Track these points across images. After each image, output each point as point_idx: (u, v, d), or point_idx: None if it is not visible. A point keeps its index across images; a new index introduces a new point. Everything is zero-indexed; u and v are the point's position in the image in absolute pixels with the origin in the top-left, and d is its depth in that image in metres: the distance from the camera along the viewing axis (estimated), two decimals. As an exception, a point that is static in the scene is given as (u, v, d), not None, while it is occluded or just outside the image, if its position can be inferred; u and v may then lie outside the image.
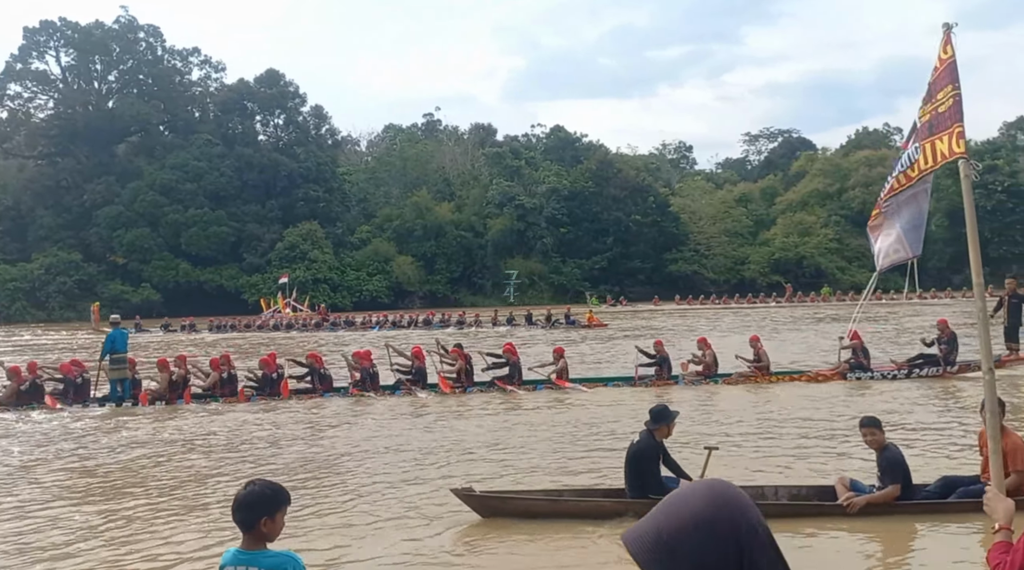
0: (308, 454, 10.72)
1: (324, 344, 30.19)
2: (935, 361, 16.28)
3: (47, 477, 9.85)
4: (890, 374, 16.09)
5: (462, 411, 13.94)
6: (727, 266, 73.65)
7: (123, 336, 16.72)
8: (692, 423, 11.61)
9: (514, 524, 7.21)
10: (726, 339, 23.89)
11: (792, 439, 10.66)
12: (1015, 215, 72.56)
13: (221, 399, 15.83)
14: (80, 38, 71.49)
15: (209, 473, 9.76)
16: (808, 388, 15.28)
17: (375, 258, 70.47)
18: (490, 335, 31.77)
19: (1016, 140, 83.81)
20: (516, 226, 72.27)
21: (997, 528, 2.45)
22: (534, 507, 7.42)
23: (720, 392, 15.41)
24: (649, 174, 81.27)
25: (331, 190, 73.98)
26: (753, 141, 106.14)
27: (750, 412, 12.90)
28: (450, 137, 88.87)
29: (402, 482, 8.87)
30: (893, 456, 7.10)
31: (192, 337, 38.58)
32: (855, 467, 8.45)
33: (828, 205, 77.18)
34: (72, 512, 8.15)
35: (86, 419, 14.46)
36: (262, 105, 75.28)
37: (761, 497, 7.52)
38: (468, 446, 10.85)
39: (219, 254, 67.67)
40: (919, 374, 15.98)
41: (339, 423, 13.23)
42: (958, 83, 3.42)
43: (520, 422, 12.83)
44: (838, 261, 72.94)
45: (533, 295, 68.15)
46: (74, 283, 62.36)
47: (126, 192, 66.83)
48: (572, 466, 9.55)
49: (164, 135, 73.58)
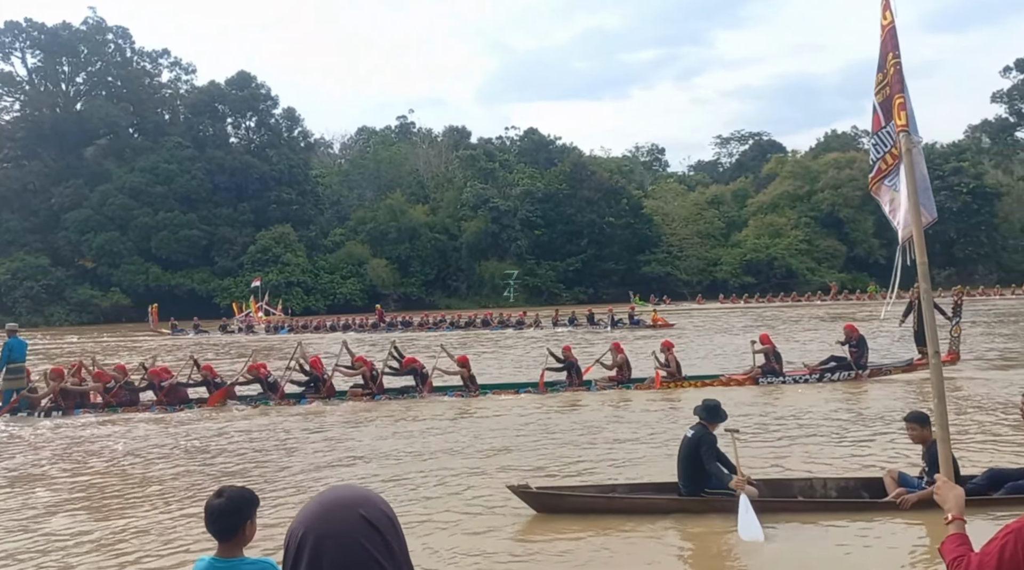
0: (341, 456, 10.57)
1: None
2: (847, 365, 16.04)
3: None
4: (801, 378, 15.87)
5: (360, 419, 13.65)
6: (699, 267, 74.18)
7: (21, 345, 16.11)
8: (605, 430, 11.52)
9: (569, 520, 7.25)
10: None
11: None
12: (980, 216, 73.80)
13: (120, 408, 15.31)
14: (47, 39, 70.40)
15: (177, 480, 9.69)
16: (717, 394, 14.81)
17: (349, 261, 70.11)
18: (560, 336, 30.15)
19: (980, 142, 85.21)
20: (490, 228, 72.25)
21: (950, 518, 2.36)
22: (588, 503, 7.48)
23: (634, 398, 14.91)
24: (622, 176, 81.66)
25: (304, 193, 73.51)
26: (724, 143, 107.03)
27: (660, 417, 12.65)
28: (424, 139, 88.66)
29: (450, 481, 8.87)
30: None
31: (228, 339, 37.45)
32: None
33: (798, 207, 78.03)
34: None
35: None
36: (233, 107, 74.59)
37: (810, 490, 7.61)
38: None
39: (190, 258, 66.95)
40: (831, 378, 15.77)
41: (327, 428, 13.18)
42: (898, 51, 3.37)
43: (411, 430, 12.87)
44: (808, 262, 73.76)
45: (508, 297, 68.18)
46: (41, 288, 61.37)
47: (95, 195, 65.90)
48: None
49: (134, 138, 72.65)
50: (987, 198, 74.46)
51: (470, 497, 8.15)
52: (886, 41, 3.39)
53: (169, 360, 22.33)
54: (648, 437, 10.98)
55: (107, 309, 62.32)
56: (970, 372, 16.51)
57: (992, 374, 16.48)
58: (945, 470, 2.80)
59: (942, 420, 2.80)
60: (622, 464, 9.38)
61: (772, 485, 7.65)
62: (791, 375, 16.00)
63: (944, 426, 2.78)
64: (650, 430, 11.51)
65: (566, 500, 7.48)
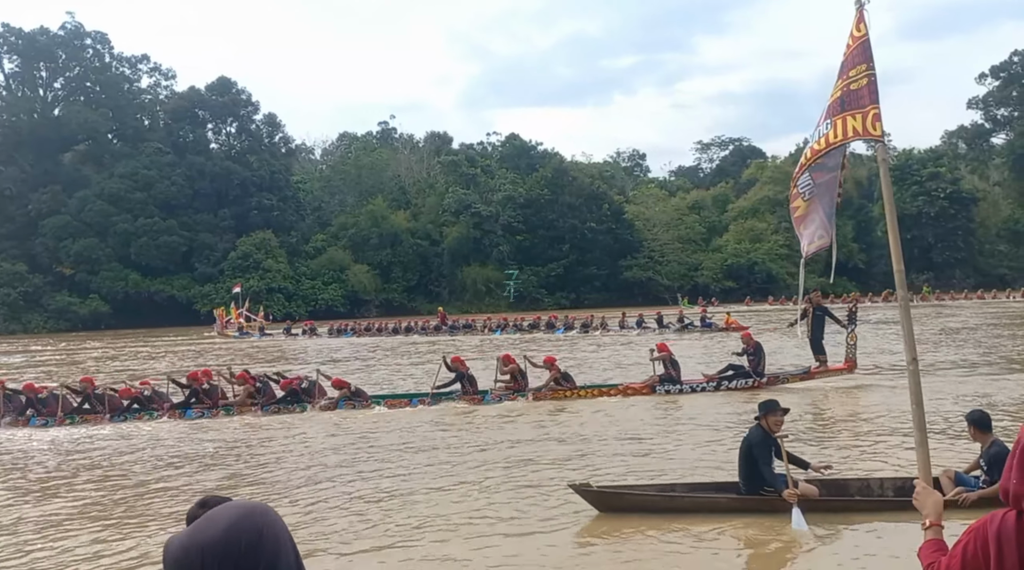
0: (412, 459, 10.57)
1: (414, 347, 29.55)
2: (745, 373, 15.99)
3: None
4: (699, 387, 15.76)
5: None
6: (681, 272, 74.51)
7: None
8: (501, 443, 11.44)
9: (630, 519, 7.32)
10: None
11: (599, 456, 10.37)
12: (957, 221, 74.70)
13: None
14: (24, 45, 69.71)
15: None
16: (614, 403, 14.67)
17: (330, 267, 69.85)
18: (627, 340, 29.68)
19: (957, 148, 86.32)
20: (472, 234, 72.23)
21: (927, 524, 2.36)
22: (649, 502, 7.54)
23: (527, 409, 14.58)
24: (604, 182, 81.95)
25: (285, 199, 73.16)
26: (705, 149, 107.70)
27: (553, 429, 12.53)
28: (405, 145, 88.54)
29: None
30: (999, 451, 7.09)
31: (317, 343, 37.50)
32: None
33: (778, 212, 78.54)
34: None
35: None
36: (214, 113, 74.17)
37: (867, 490, 7.67)
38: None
39: (170, 264, 66.42)
40: (728, 386, 15.67)
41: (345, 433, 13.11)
42: (872, 63, 3.38)
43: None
44: (788, 267, 74.27)
45: (490, 302, 68.16)
46: (19, 295, 60.68)
47: (73, 201, 65.26)
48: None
49: (112, 143, 71.97)
50: (964, 203, 75.38)
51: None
52: (857, 53, 3.43)
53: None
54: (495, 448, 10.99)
55: (85, 316, 61.68)
56: (864, 380, 16.18)
57: (899, 381, 15.51)
58: (924, 475, 2.82)
59: (920, 424, 2.83)
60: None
61: (829, 485, 7.69)
62: (688, 383, 15.88)
63: (922, 429, 2.81)
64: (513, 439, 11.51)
65: (627, 499, 7.59)
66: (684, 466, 9.37)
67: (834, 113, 3.47)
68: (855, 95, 3.39)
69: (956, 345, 23.74)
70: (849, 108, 3.40)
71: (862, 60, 3.41)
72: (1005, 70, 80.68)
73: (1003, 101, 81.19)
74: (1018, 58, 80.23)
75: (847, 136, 3.41)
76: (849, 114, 3.39)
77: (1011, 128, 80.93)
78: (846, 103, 3.42)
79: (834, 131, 3.45)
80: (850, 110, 3.39)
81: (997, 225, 79.29)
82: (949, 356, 20.59)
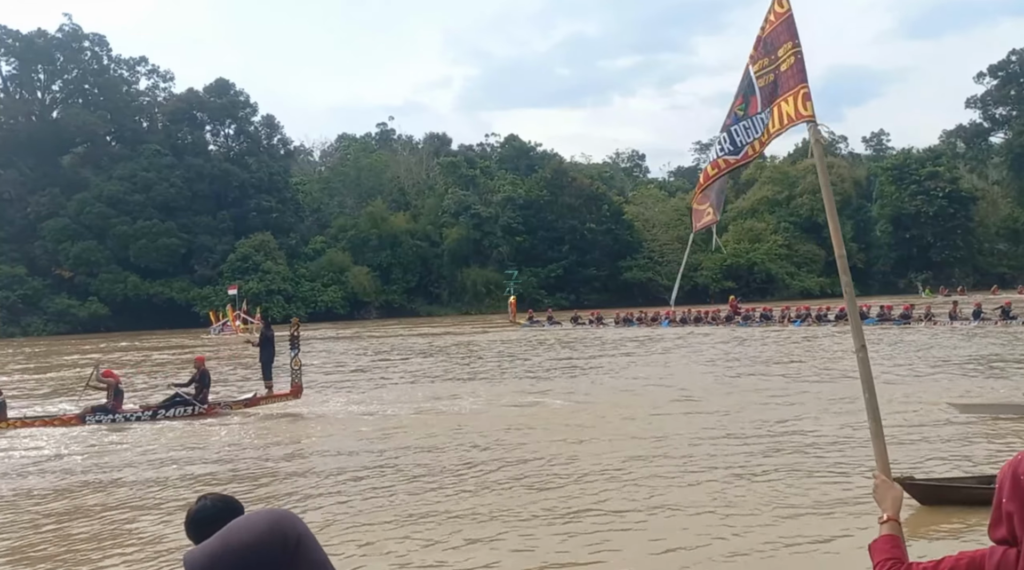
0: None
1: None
2: (187, 401, 15.64)
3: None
4: (133, 416, 15.31)
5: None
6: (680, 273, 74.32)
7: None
8: None
9: (953, 512, 7.36)
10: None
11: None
12: (956, 220, 74.60)
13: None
14: (22, 47, 69.71)
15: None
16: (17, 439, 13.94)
17: (330, 269, 69.82)
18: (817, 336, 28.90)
19: (956, 147, 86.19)
20: (472, 235, 72.21)
21: (885, 518, 2.28)
22: (972, 495, 7.44)
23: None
24: (603, 183, 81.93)
25: (284, 200, 73.16)
26: (704, 149, 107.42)
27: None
28: (404, 147, 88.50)
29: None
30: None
31: (598, 332, 38.21)
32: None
33: (777, 212, 78.58)
34: None
35: None
36: (212, 115, 74.17)
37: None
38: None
39: (169, 266, 66.42)
40: (165, 415, 15.31)
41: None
42: (798, 40, 3.20)
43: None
44: (788, 267, 74.23)
45: (490, 304, 68.06)
46: (18, 298, 60.69)
47: (72, 204, 65.26)
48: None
49: (111, 146, 71.98)
50: (963, 202, 75.29)
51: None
52: (780, 29, 3.24)
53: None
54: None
55: (85, 319, 61.69)
56: (308, 407, 15.87)
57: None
58: (882, 468, 2.75)
59: (874, 414, 2.80)
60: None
61: None
62: (123, 413, 15.34)
63: (876, 419, 2.78)
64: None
65: (949, 492, 7.57)
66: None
67: (771, 100, 3.29)
68: (785, 76, 3.21)
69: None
70: (782, 92, 3.22)
71: (787, 38, 3.22)
72: (1003, 69, 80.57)
73: (1001, 100, 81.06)
74: (1016, 57, 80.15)
75: (783, 125, 3.24)
76: (783, 98, 3.21)
77: (1009, 127, 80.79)
78: (780, 86, 3.24)
79: (772, 121, 3.28)
80: (783, 94, 3.21)
81: (996, 224, 79.14)
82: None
